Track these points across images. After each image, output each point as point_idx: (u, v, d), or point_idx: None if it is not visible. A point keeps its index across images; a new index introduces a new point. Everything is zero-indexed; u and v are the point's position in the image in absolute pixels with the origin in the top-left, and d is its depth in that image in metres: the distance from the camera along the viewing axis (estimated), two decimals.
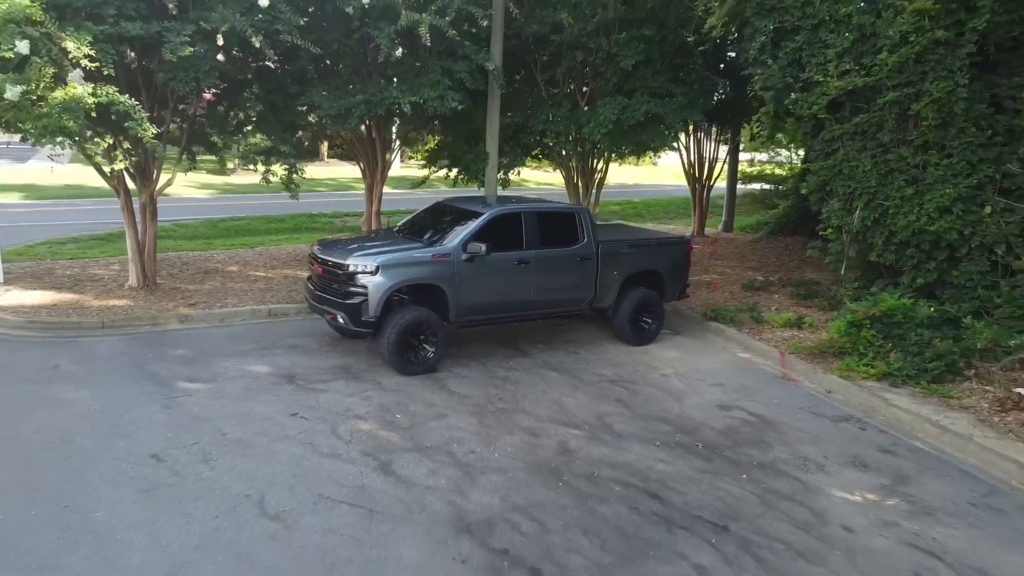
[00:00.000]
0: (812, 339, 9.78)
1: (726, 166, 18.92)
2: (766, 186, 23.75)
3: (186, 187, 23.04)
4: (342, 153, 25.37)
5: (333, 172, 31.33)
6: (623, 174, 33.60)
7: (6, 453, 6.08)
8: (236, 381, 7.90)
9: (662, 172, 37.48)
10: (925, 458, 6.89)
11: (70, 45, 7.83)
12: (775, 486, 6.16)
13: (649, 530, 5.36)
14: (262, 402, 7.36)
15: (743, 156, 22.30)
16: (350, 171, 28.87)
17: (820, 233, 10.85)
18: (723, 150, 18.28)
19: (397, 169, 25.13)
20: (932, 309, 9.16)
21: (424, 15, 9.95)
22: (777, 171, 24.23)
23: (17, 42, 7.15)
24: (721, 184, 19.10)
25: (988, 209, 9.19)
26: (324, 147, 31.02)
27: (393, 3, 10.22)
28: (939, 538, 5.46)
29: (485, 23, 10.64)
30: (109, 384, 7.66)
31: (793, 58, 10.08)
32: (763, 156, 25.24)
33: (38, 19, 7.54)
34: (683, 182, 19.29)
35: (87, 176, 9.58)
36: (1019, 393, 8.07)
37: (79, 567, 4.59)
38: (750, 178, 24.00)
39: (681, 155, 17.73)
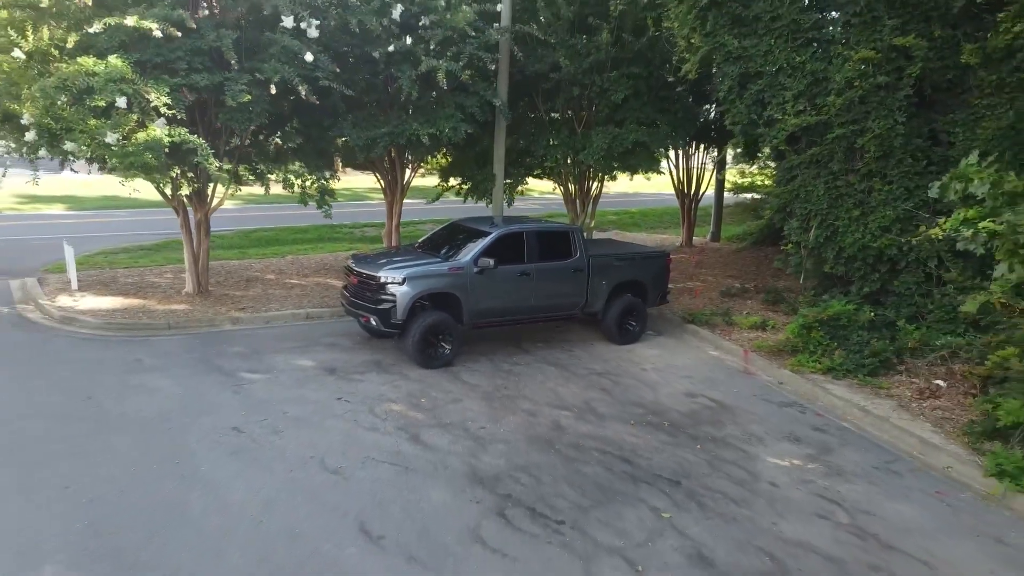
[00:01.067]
0: (772, 339, 11.41)
1: (715, 179, 20.54)
2: (757, 196, 25.29)
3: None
4: (357, 165, 27.05)
5: (348, 183, 33.06)
6: (624, 183, 35.19)
7: (121, 427, 7.78)
8: (288, 372, 9.59)
9: (662, 181, 39.00)
10: (848, 435, 8.52)
11: (152, 95, 9.55)
12: (722, 454, 7.81)
13: (619, 484, 7.02)
14: (311, 389, 9.05)
15: (737, 167, 23.83)
16: (363, 181, 30.62)
17: (782, 247, 12.50)
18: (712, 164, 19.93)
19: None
20: (872, 314, 10.80)
21: (441, 61, 11.63)
22: (767, 182, 25.77)
23: (117, 98, 8.87)
24: (711, 194, 20.70)
25: (923, 228, 10.82)
26: (338, 160, 32.71)
27: (413, 50, 11.91)
28: (842, 491, 7.10)
29: (493, 67, 12.31)
30: (185, 375, 9.37)
31: (756, 98, 11.72)
32: (754, 167, 26.78)
33: (129, 77, 9.26)
34: None
35: (118, 187, 10.82)
36: (938, 384, 9.71)
37: (198, 503, 6.28)
38: (741, 188, 25.55)
39: (671, 171, 19.38)
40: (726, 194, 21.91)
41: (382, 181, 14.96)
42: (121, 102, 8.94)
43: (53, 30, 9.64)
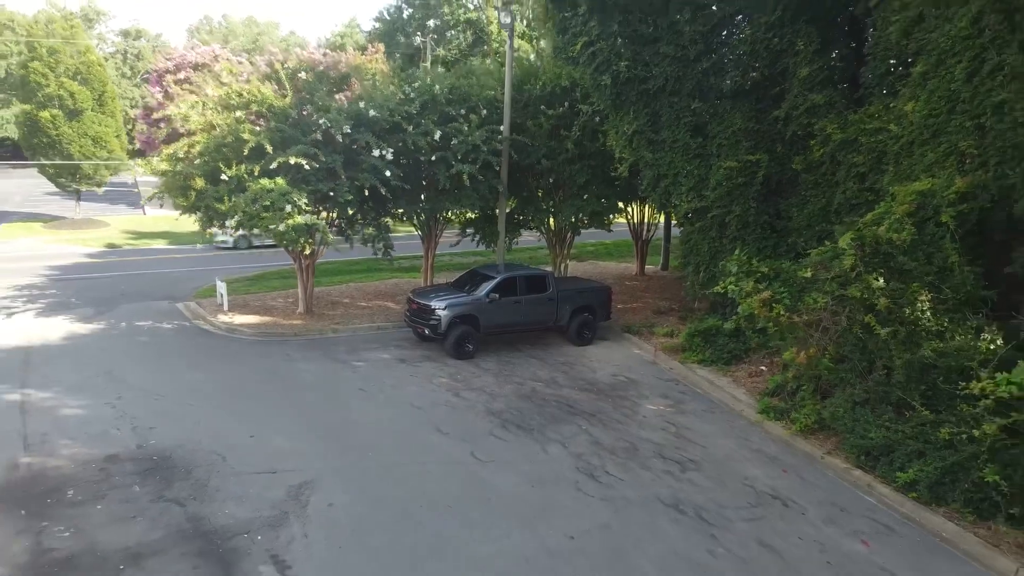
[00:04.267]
0: (674, 343, 18.08)
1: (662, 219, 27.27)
2: None
3: None
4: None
5: None
6: None
7: (299, 387, 14.47)
8: (376, 361, 16.31)
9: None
10: (697, 395, 15.21)
11: (295, 196, 16.29)
12: (622, 404, 14.49)
13: (563, 415, 13.70)
14: (394, 370, 15.76)
15: None
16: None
17: (684, 283, 19.22)
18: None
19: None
20: (731, 326, 17.46)
21: (465, 166, 18.36)
22: None
23: (288, 207, 15.61)
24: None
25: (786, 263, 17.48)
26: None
27: (446, 157, 18.63)
28: (679, 420, 13.78)
29: (498, 168, 19.11)
30: (318, 362, 16.08)
31: (665, 191, 18.46)
32: None
33: (288, 190, 16.00)
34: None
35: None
36: (761, 369, 16.39)
37: (355, 420, 12.98)
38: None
39: (627, 218, 26.13)
40: (675, 230, 28.58)
41: (421, 233, 21.72)
42: (287, 208, 15.70)
43: (246, 165, 16.33)
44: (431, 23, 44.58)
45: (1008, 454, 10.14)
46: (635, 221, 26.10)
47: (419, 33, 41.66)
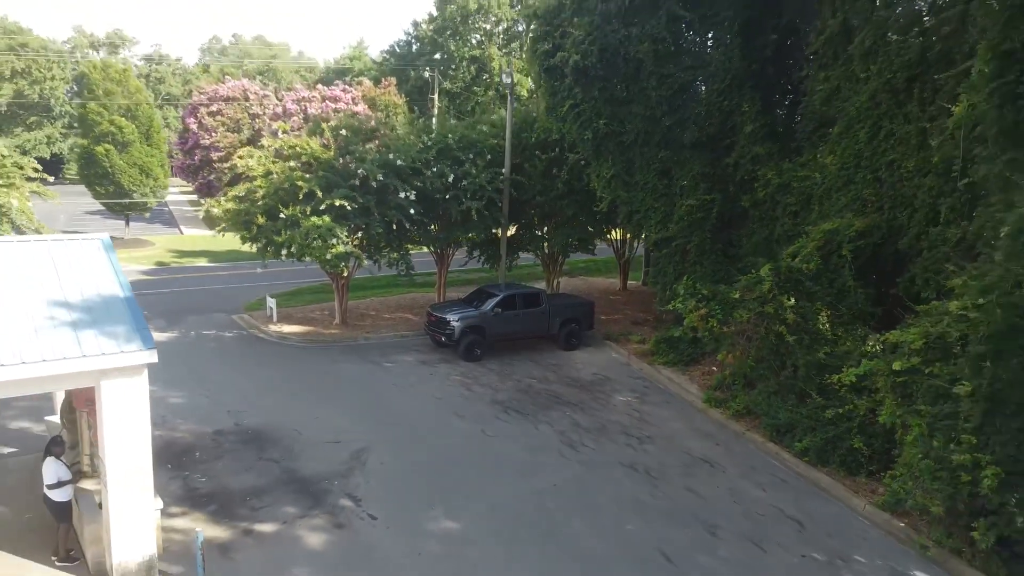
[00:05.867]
0: (645, 348, 22.03)
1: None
2: None
3: None
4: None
5: None
6: None
7: (346, 382, 18.43)
8: (403, 363, 20.28)
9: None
10: (658, 390, 19.17)
11: (338, 231, 20.28)
12: (598, 396, 18.44)
13: (552, 404, 17.66)
14: (417, 369, 19.73)
15: None
16: None
17: (656, 297, 23.21)
18: None
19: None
20: (679, 335, 21.39)
21: (474, 202, 22.38)
22: None
23: (334, 241, 19.60)
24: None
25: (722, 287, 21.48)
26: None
27: (458, 195, 22.63)
28: (642, 408, 17.74)
29: (500, 204, 23.15)
30: (357, 364, 20.05)
31: (637, 223, 22.47)
32: None
33: (333, 226, 19.98)
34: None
35: (235, 242, 20.08)
36: (712, 369, 20.35)
37: (391, 406, 16.95)
38: None
39: (610, 242, 30.11)
40: None
41: (436, 256, 25.71)
42: (333, 241, 19.69)
43: (299, 206, 20.30)
44: (438, 55, 48.74)
45: (870, 429, 14.10)
46: (617, 243, 30.08)
47: (427, 68, 45.78)
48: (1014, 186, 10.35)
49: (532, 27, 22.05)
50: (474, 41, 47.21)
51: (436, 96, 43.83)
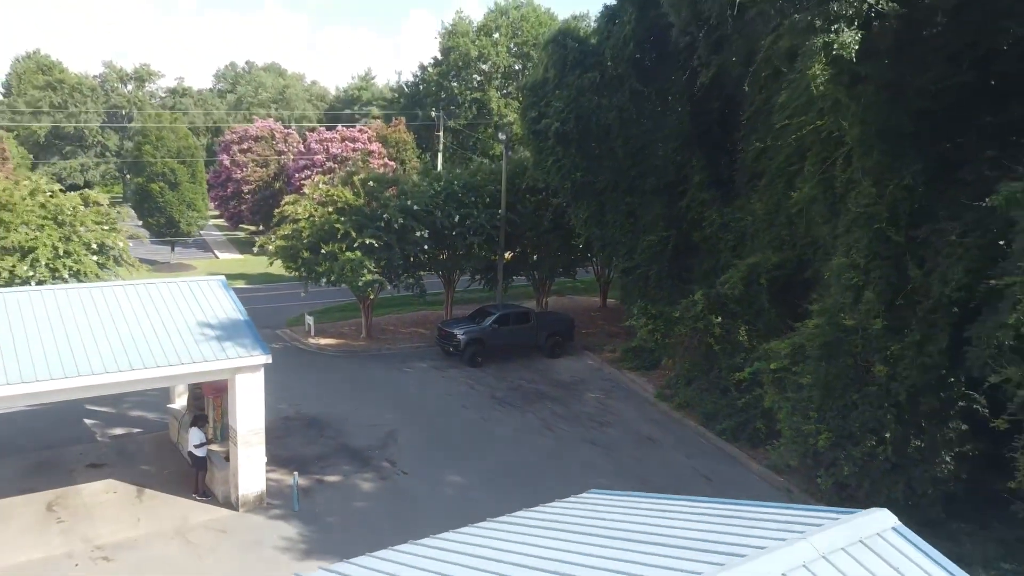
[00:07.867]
0: (615, 356, 27.06)
1: None
2: None
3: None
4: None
5: None
6: None
7: (378, 383, 23.52)
8: (420, 369, 25.35)
9: None
10: (623, 388, 24.21)
11: (367, 263, 25.40)
12: (575, 393, 23.49)
13: (537, 399, 22.72)
14: (431, 374, 24.80)
15: None
16: None
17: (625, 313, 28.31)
18: None
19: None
20: (635, 344, 26.42)
21: (476, 238, 27.53)
22: None
23: (364, 271, 24.69)
24: None
25: (666, 308, 26.58)
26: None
27: (463, 232, 27.78)
28: (607, 402, 22.80)
29: (497, 238, 28.34)
30: (383, 369, 25.13)
31: (609, 254, 27.59)
32: None
33: (363, 259, 25.10)
34: None
35: (264, 265, 25.15)
36: (667, 372, 25.39)
37: (413, 397, 22.02)
38: None
39: (591, 266, 35.23)
40: None
41: (443, 279, 30.84)
42: (364, 271, 24.80)
43: (336, 244, 25.41)
44: (443, 94, 54.17)
45: (769, 414, 19.15)
46: (598, 267, 35.24)
47: (433, 108, 51.17)
48: (832, 245, 15.52)
49: (522, 97, 27.33)
50: (475, 83, 52.64)
51: (441, 133, 49.15)
